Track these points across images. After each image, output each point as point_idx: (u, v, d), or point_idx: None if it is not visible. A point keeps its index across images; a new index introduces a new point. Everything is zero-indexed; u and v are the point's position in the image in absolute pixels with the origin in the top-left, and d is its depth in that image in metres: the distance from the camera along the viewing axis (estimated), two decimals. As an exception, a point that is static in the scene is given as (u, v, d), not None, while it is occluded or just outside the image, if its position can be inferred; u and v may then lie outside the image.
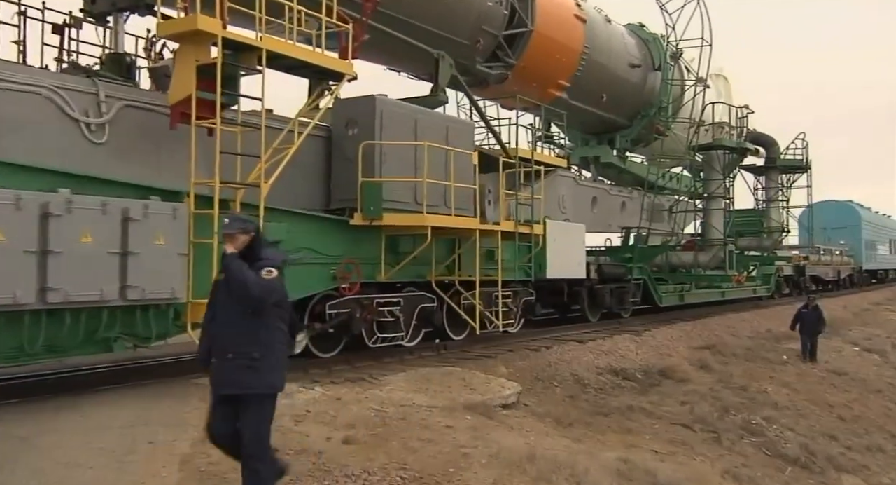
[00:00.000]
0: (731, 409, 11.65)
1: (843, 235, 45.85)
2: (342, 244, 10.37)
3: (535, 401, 10.07)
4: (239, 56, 8.52)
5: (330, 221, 10.24)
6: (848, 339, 21.22)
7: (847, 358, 18.66)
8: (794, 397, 13.52)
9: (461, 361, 11.24)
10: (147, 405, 7.29)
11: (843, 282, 41.82)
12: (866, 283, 47.35)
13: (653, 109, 18.99)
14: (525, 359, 12.09)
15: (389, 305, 11.38)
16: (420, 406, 8.15)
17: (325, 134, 11.09)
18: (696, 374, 13.76)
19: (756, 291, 27.98)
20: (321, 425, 7.03)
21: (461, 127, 12.40)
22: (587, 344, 13.94)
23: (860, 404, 14.63)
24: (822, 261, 38.64)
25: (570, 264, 15.01)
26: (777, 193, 23.57)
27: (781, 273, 31.70)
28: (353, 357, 10.85)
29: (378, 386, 9.04)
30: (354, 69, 9.71)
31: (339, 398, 8.09)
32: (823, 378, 15.82)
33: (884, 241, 53.07)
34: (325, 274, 10.08)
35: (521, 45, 14.72)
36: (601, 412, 10.30)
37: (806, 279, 35.62)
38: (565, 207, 16.31)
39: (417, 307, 11.92)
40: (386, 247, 10.94)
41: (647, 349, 14.82)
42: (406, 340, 11.75)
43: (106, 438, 6.21)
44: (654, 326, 17.13)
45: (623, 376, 12.76)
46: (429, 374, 9.82)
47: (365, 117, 10.78)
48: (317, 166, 11.01)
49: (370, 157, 10.53)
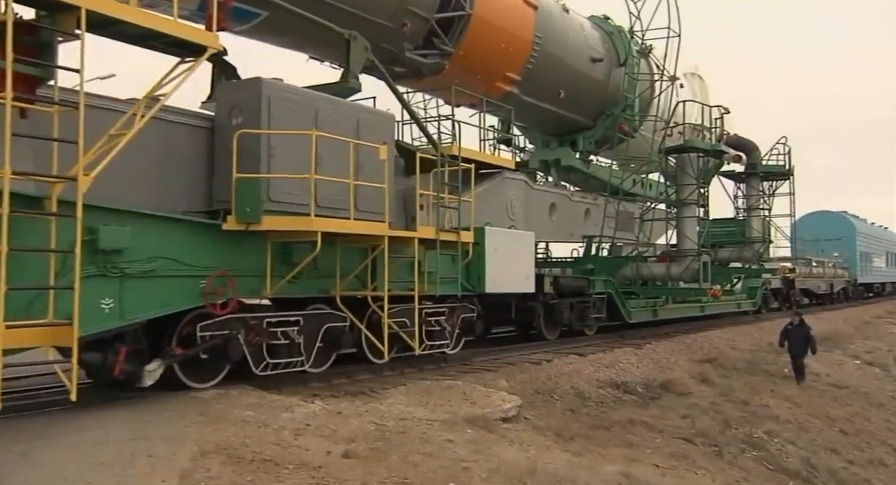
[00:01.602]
0: (732, 423, 11.68)
1: (836, 247, 44.17)
2: (215, 253, 8.68)
3: (535, 414, 10.04)
4: (55, 18, 6.90)
5: (196, 226, 8.56)
6: (849, 352, 21.06)
7: (849, 371, 18.50)
8: (795, 411, 13.49)
9: (461, 375, 11.16)
10: (146, 419, 7.16)
11: (836, 296, 40.09)
12: (862, 297, 45.62)
13: (618, 108, 17.38)
14: (525, 372, 11.95)
15: (285, 324, 9.72)
16: (420, 420, 8.15)
17: (206, 124, 9.47)
18: (697, 387, 13.71)
19: (740, 305, 26.31)
20: (321, 439, 7.02)
21: (377, 119, 10.78)
22: (588, 357, 13.76)
23: (862, 417, 14.60)
24: (813, 273, 36.94)
25: (516, 277, 13.36)
26: (758, 202, 21.94)
27: (768, 286, 30.04)
28: (354, 370, 10.73)
29: (378, 399, 9.04)
30: (220, 42, 8.07)
31: (339, 412, 8.04)
32: (825, 392, 15.78)
33: (880, 253, 51.35)
34: (191, 289, 8.40)
35: (459, 30, 13.14)
36: (602, 426, 10.30)
37: (796, 293, 33.95)
38: (514, 213, 14.67)
39: (323, 327, 10.26)
40: (274, 257, 9.29)
41: (648, 363, 14.67)
42: (309, 366, 10.08)
43: (105, 452, 6.13)
44: (655, 339, 16.93)
45: (624, 390, 12.65)
46: (429, 387, 9.81)
47: (249, 103, 9.15)
48: (197, 161, 9.36)
49: (251, 149, 8.90)
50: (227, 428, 6.91)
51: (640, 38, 17.57)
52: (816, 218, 46.53)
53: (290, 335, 9.68)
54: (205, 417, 7.26)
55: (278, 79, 9.65)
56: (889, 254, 53.48)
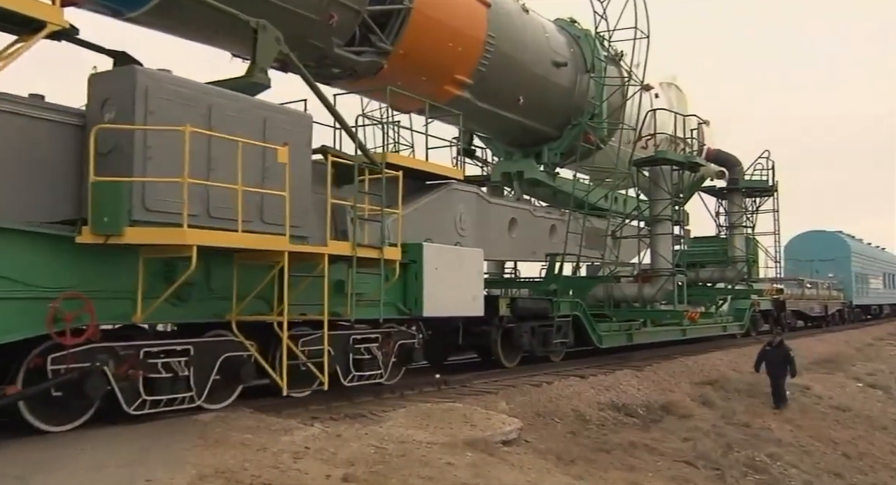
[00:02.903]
0: (734, 446, 11.63)
1: (831, 268, 42.77)
2: (69, 271, 7.32)
3: (536, 437, 9.96)
4: None
5: (42, 239, 7.20)
6: (851, 374, 20.98)
7: (851, 394, 18.39)
8: (797, 434, 13.44)
9: (462, 397, 11.08)
10: (145, 444, 7.04)
11: (831, 318, 38.63)
12: (859, 319, 44.11)
13: (584, 117, 16.11)
14: (526, 394, 11.84)
15: (170, 354, 8.34)
16: (420, 442, 8.12)
17: (76, 120, 8.15)
18: (698, 410, 13.64)
19: (726, 328, 24.86)
20: (320, 463, 6.94)
21: (290, 119, 9.46)
22: (588, 379, 13.64)
23: (865, 441, 14.48)
24: (806, 295, 35.53)
25: (460, 299, 12.00)
26: (741, 219, 20.65)
27: (757, 308, 28.60)
28: (354, 393, 10.66)
29: (378, 422, 9.02)
30: (65, 18, 6.79)
31: (339, 435, 7.97)
32: (827, 414, 15.70)
33: (877, 274, 49.80)
34: (35, 314, 7.03)
35: (398, 26, 11.89)
36: (603, 449, 10.24)
37: (787, 315, 32.51)
38: (464, 228, 13.34)
39: (220, 357, 8.88)
40: (151, 275, 7.93)
41: (649, 385, 14.57)
42: (202, 400, 8.68)
43: (103, 477, 6.01)
44: (656, 361, 16.87)
45: (625, 412, 12.54)
46: (429, 410, 9.71)
47: (122, 96, 7.81)
48: (64, 163, 8.03)
49: (124, 149, 7.58)
50: (226, 451, 6.84)
51: (608, 40, 16.32)
52: (810, 238, 45.27)
53: (175, 367, 8.30)
54: (203, 440, 7.22)
55: (165, 70, 8.37)
56: (886, 275, 51.95)
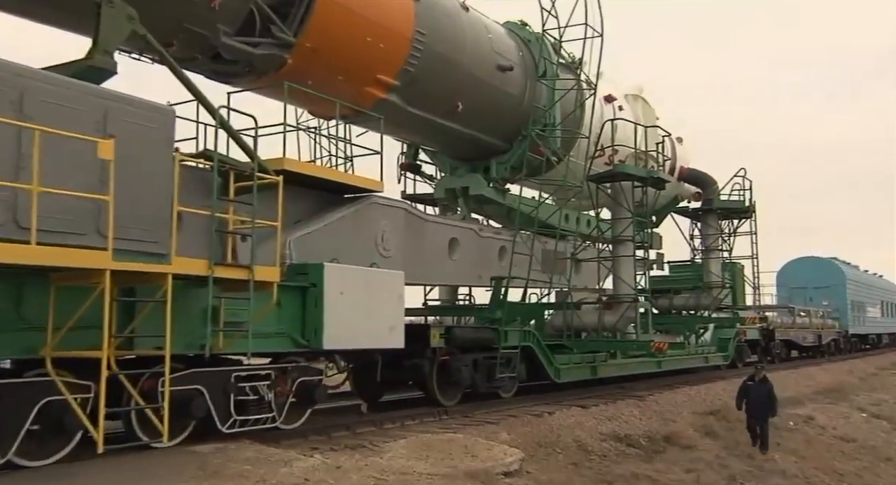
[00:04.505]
0: (738, 477, 11.58)
1: (825, 295, 41.03)
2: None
3: (537, 468, 9.90)
4: None
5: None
6: (855, 404, 20.83)
7: (855, 424, 18.19)
8: (802, 465, 13.34)
9: (463, 428, 10.98)
10: (143, 475, 6.95)
11: (825, 348, 36.78)
12: (856, 349, 42.21)
13: (532, 127, 14.58)
14: (527, 424, 11.71)
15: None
16: (421, 474, 8.14)
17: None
18: (701, 440, 13.56)
19: (708, 359, 23.07)
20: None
21: (142, 112, 7.87)
22: (590, 409, 13.47)
23: (871, 472, 14.34)
24: (797, 323, 33.76)
25: (373, 329, 10.34)
26: (717, 242, 19.03)
27: (743, 337, 26.80)
28: (354, 424, 10.65)
29: (378, 453, 8.99)
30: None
31: (339, 466, 7.94)
32: (832, 445, 15.60)
33: (874, 302, 47.93)
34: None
35: (301, 15, 10.40)
36: (605, 480, 10.26)
37: (776, 345, 30.68)
38: (387, 248, 11.72)
39: (37, 404, 7.20)
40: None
41: (651, 415, 14.34)
42: (11, 454, 6.99)
43: None
44: (658, 390, 16.71)
45: (627, 443, 12.42)
46: (430, 440, 9.65)
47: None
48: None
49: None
50: (225, 483, 6.81)
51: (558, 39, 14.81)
52: (803, 264, 43.68)
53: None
54: (203, 471, 7.17)
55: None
56: (885, 303, 50.15)
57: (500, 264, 14.81)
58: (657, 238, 20.34)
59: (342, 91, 11.43)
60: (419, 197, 16.37)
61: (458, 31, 13.12)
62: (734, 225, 19.56)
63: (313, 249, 10.45)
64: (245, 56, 10.15)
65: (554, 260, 15.00)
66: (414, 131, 13.93)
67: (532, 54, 15.02)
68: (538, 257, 14.96)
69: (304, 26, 10.43)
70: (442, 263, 13.52)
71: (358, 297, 10.14)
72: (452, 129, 13.71)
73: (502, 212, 15.74)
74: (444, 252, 13.62)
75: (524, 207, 14.41)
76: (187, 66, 9.98)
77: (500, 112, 14.44)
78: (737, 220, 19.68)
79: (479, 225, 14.88)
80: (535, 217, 14.25)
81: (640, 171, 15.19)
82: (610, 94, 17.18)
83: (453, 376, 12.85)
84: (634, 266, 15.14)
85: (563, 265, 15.89)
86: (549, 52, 14.87)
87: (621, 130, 16.46)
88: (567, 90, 14.56)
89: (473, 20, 13.72)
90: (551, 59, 14.79)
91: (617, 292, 15.32)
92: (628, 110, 17.81)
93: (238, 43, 9.88)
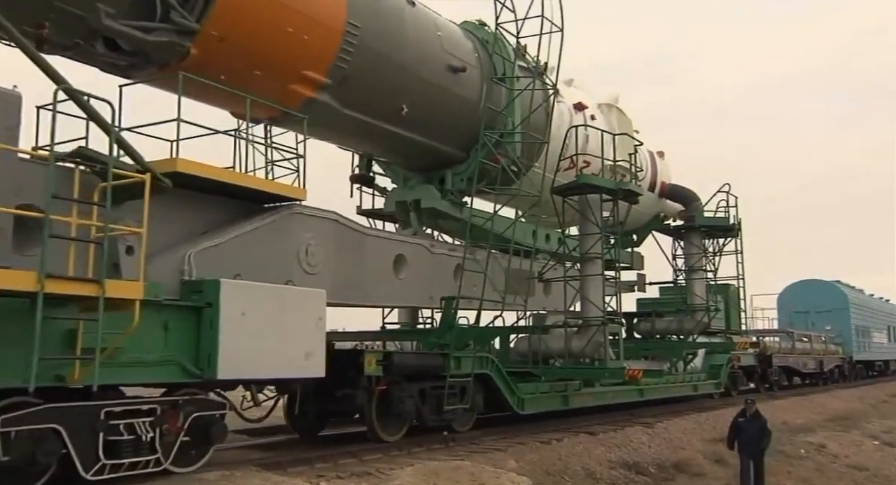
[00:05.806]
0: None
1: (829, 320, 39.47)
2: None
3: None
4: None
5: None
6: (867, 432, 20.65)
7: (868, 453, 18.03)
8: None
9: (471, 455, 10.92)
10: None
11: (828, 375, 35.09)
12: (861, 376, 40.41)
13: (491, 133, 13.32)
14: (535, 451, 11.68)
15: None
16: None
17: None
18: (710, 468, 13.54)
19: (697, 387, 21.51)
20: None
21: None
22: (598, 436, 13.44)
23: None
24: (797, 349, 32.16)
25: (283, 355, 8.98)
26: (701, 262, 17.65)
27: (737, 364, 25.23)
28: (360, 450, 10.59)
29: (385, 481, 8.92)
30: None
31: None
32: (844, 474, 15.46)
33: (880, 327, 46.18)
34: None
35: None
36: None
37: (774, 371, 29.07)
38: (313, 263, 10.39)
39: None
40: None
41: (660, 442, 14.27)
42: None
43: None
44: (667, 417, 16.73)
45: (636, 470, 12.36)
46: (437, 468, 9.61)
47: None
48: None
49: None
50: None
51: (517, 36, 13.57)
52: (804, 287, 42.18)
53: None
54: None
55: None
56: (891, 328, 48.37)
57: (456, 284, 13.44)
58: (638, 258, 18.99)
59: (263, 88, 10.21)
60: (376, 212, 15.12)
61: (398, 26, 11.90)
62: (719, 244, 18.16)
63: (220, 265, 9.13)
64: (138, 43, 8.92)
65: (517, 279, 13.62)
66: (353, 136, 12.69)
67: (490, 55, 13.80)
68: (501, 277, 13.60)
69: (208, 11, 9.22)
70: (386, 282, 12.17)
71: (265, 319, 8.82)
72: (398, 134, 12.44)
73: (460, 227, 14.38)
74: (389, 270, 12.28)
75: (477, 219, 13.05)
76: (71, 54, 8.79)
77: (453, 117, 13.19)
78: (722, 238, 18.30)
79: (431, 241, 13.55)
80: (489, 230, 12.87)
81: (607, 182, 13.87)
82: (580, 101, 15.95)
83: (394, 407, 11.47)
84: (603, 286, 13.74)
85: (530, 285, 14.53)
86: (508, 52, 13.65)
87: (594, 140, 15.20)
88: (522, 90, 13.27)
89: (420, 16, 12.52)
90: (509, 57, 13.55)
91: (584, 315, 13.91)
92: (601, 120, 16.55)
93: (125, 27, 8.65)
